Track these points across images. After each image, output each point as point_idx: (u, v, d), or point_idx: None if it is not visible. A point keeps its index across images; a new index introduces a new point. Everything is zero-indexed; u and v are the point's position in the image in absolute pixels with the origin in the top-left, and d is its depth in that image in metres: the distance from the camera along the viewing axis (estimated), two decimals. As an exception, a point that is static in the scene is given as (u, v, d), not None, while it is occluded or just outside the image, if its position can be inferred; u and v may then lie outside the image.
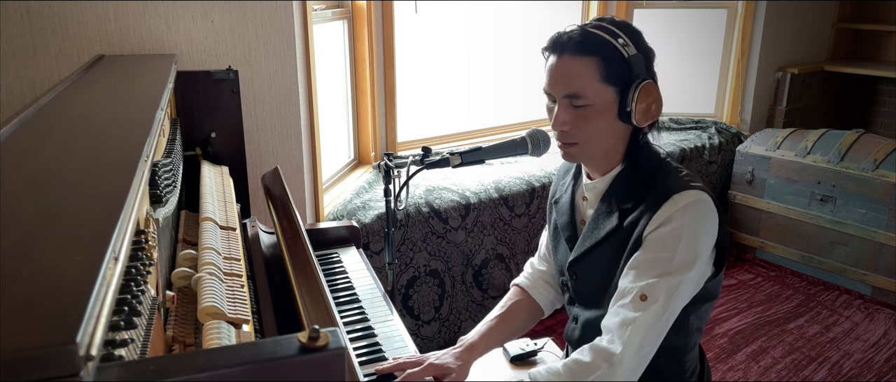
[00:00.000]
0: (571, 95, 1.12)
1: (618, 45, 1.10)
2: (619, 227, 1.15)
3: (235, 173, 1.62)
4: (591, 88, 1.11)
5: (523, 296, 1.43)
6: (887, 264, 2.89)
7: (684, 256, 1.07)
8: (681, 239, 1.07)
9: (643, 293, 1.07)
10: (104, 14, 1.65)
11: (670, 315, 1.09)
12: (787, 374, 2.45)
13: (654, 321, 1.06)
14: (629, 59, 1.10)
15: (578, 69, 1.11)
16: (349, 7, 2.59)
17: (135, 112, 0.99)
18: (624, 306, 1.09)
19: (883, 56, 4.02)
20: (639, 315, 1.06)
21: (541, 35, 1.21)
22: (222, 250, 1.03)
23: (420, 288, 2.49)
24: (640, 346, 1.06)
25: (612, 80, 1.11)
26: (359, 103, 2.71)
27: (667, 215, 1.08)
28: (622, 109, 1.12)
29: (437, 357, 1.23)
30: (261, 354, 0.50)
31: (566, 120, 1.14)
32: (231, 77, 1.64)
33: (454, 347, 1.28)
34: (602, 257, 1.19)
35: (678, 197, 1.08)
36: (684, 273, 1.07)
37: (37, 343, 0.39)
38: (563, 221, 1.30)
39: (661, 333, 1.09)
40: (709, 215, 1.10)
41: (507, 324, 1.37)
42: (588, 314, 1.24)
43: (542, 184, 2.73)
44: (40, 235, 0.53)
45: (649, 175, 1.16)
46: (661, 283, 1.06)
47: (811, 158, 3.09)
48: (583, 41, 1.11)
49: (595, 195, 1.22)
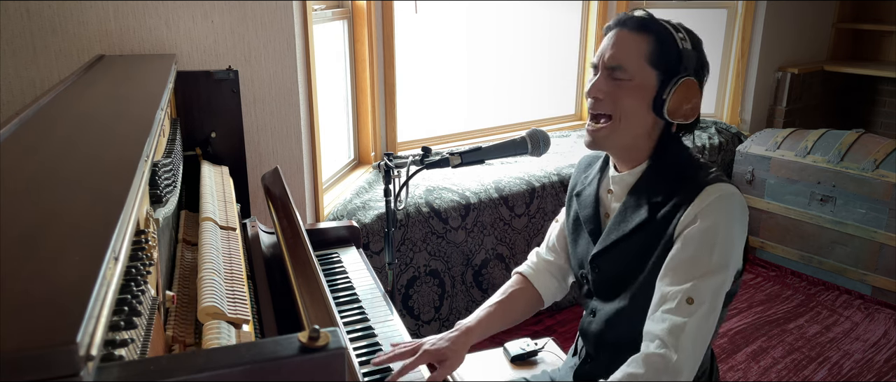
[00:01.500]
0: (614, 67, 1.14)
1: (677, 36, 1.12)
2: (650, 220, 1.14)
3: (235, 173, 1.62)
4: (636, 65, 1.12)
5: (525, 285, 1.42)
6: (887, 264, 2.89)
7: (722, 254, 1.07)
8: (717, 236, 1.06)
9: (689, 296, 1.06)
10: (104, 14, 1.65)
11: (716, 314, 1.09)
12: (787, 374, 2.45)
13: (704, 323, 1.06)
14: (682, 51, 1.12)
15: (629, 44, 1.13)
16: (349, 7, 2.59)
17: (135, 112, 0.99)
18: (670, 311, 1.07)
19: (883, 56, 4.02)
20: (688, 320, 1.05)
21: (541, 35, 1.22)
22: (222, 250, 1.03)
23: (420, 288, 2.49)
24: (694, 350, 1.06)
25: (657, 64, 1.12)
26: (359, 103, 2.71)
27: (700, 208, 1.08)
28: (658, 97, 1.12)
29: (432, 344, 1.23)
30: (261, 354, 0.50)
31: (602, 87, 1.15)
32: (231, 77, 1.64)
33: (450, 331, 1.28)
34: (628, 250, 1.18)
35: (711, 190, 1.08)
36: (725, 270, 1.07)
37: (37, 343, 0.39)
38: (586, 214, 1.29)
39: (709, 333, 1.09)
40: (740, 209, 1.10)
41: (506, 311, 1.36)
42: (608, 307, 1.24)
43: (542, 184, 2.73)
44: (40, 235, 0.53)
45: (679, 169, 1.16)
46: (705, 284, 1.06)
47: (811, 158, 3.09)
48: (644, 20, 1.13)
49: (622, 188, 1.22)
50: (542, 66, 3.38)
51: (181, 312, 0.87)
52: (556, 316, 2.80)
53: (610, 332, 1.23)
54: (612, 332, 1.23)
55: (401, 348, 1.22)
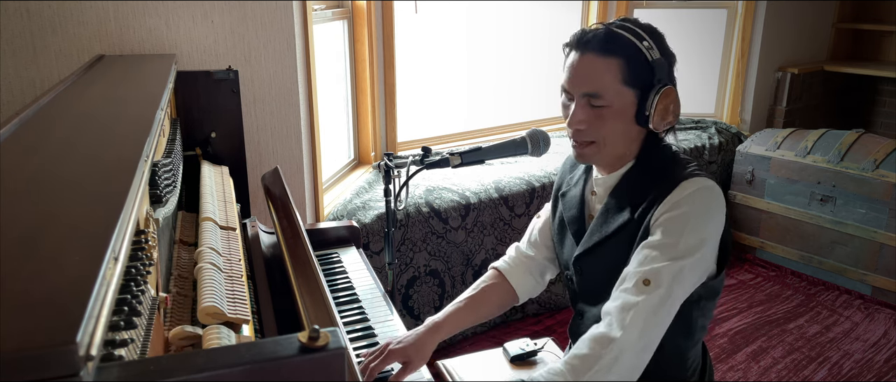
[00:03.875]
0: (591, 94, 1.11)
1: (643, 47, 1.09)
2: (631, 220, 1.14)
3: (235, 173, 1.62)
4: (612, 90, 1.10)
5: (499, 280, 1.41)
6: (887, 264, 2.89)
7: (690, 241, 1.05)
8: (687, 223, 1.05)
9: (646, 277, 1.04)
10: (104, 14, 1.65)
11: (673, 301, 1.06)
12: (787, 374, 2.45)
13: (658, 305, 1.03)
14: (653, 63, 1.09)
15: (601, 69, 1.10)
16: (349, 7, 2.59)
17: (135, 112, 0.99)
18: (626, 290, 1.06)
19: (883, 56, 4.02)
20: (641, 298, 1.03)
21: (541, 35, 1.22)
22: (222, 250, 1.03)
23: (420, 288, 2.49)
24: (643, 331, 1.02)
25: (633, 83, 1.10)
26: (359, 103, 2.71)
27: (676, 199, 1.07)
28: (640, 113, 1.11)
29: (398, 342, 1.21)
30: (261, 354, 0.50)
31: (582, 118, 1.13)
32: (231, 77, 1.64)
33: (418, 328, 1.26)
34: (610, 252, 1.17)
35: (686, 184, 1.08)
36: (688, 258, 1.05)
37: (37, 343, 0.39)
38: (570, 215, 1.28)
39: (664, 320, 1.05)
40: (716, 202, 1.09)
41: (477, 307, 1.35)
42: (595, 310, 1.23)
43: (542, 184, 2.73)
44: (40, 235, 0.53)
45: (660, 169, 1.15)
46: (666, 268, 1.04)
47: (811, 158, 3.09)
48: (607, 41, 1.10)
49: (604, 190, 1.22)
50: (542, 66, 3.38)
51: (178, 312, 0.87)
52: (555, 316, 2.80)
53: None
54: None
55: (369, 355, 1.20)
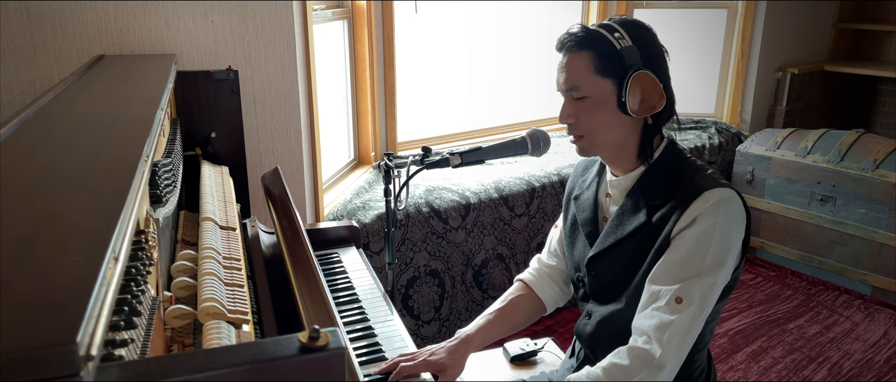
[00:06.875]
0: (571, 88, 1.17)
1: (613, 38, 1.13)
2: (647, 223, 1.15)
3: (235, 173, 1.62)
4: (587, 81, 1.15)
5: (526, 292, 1.42)
6: (887, 264, 2.89)
7: (716, 256, 1.08)
8: (712, 238, 1.07)
9: (678, 295, 1.08)
10: (104, 14, 1.65)
11: (704, 316, 1.10)
12: (787, 374, 2.45)
13: (691, 323, 1.08)
14: (621, 51, 1.13)
15: (576, 63, 1.16)
16: (349, 7, 2.59)
17: (135, 112, 0.99)
18: (659, 309, 1.09)
19: (883, 56, 4.02)
20: (676, 317, 1.07)
21: (541, 35, 1.24)
22: (222, 250, 1.03)
23: (420, 288, 2.49)
24: (679, 348, 1.08)
25: (606, 73, 1.14)
26: (359, 103, 2.71)
27: (697, 212, 1.08)
28: (620, 100, 1.14)
29: (432, 353, 1.23)
30: (261, 354, 0.50)
31: (569, 112, 1.19)
32: (231, 77, 1.64)
33: (450, 340, 1.28)
34: (624, 253, 1.19)
35: (709, 194, 1.09)
36: (717, 272, 1.08)
37: (37, 343, 0.39)
38: (584, 217, 1.29)
39: (696, 334, 1.10)
40: (738, 213, 1.11)
41: (507, 319, 1.37)
42: (604, 310, 1.24)
43: (542, 184, 2.73)
44: (40, 235, 0.53)
45: (677, 172, 1.17)
46: (696, 285, 1.07)
47: (811, 158, 3.09)
48: (581, 37, 1.15)
49: (620, 192, 1.23)
50: (542, 66, 3.38)
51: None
52: (555, 317, 2.80)
53: (605, 334, 1.24)
54: (607, 334, 1.23)
55: (399, 357, 1.22)
